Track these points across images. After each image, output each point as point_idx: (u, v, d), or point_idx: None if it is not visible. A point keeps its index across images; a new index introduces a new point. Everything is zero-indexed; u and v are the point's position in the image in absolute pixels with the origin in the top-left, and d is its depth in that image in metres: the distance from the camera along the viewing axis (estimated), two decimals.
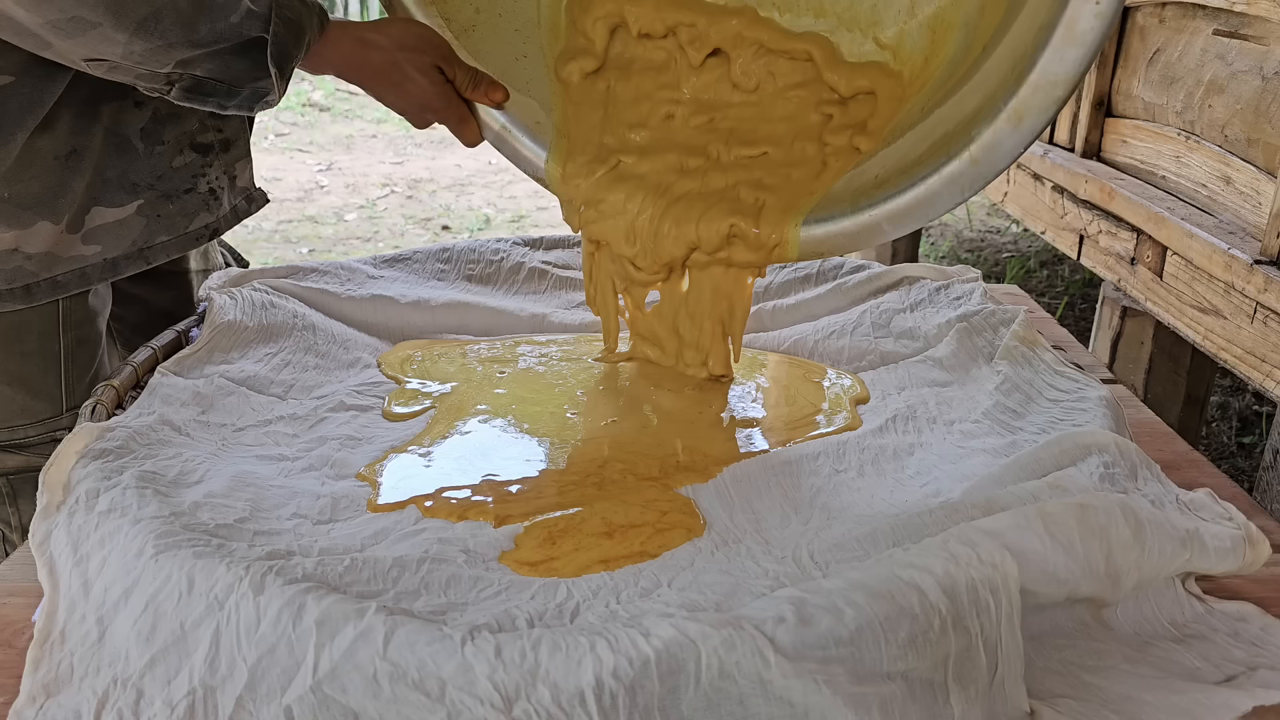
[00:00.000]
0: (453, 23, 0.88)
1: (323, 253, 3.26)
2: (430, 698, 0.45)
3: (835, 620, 0.46)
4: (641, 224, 0.81)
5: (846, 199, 0.76)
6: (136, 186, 0.79)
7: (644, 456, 0.74)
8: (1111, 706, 0.50)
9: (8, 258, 0.74)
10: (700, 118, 0.84)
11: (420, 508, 0.66)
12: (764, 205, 0.78)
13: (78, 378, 0.82)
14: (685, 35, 0.84)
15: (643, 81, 0.86)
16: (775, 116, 0.82)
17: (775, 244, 0.78)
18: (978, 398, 0.79)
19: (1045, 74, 0.61)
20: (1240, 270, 1.19)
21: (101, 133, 0.76)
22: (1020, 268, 3.13)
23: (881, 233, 0.73)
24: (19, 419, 0.80)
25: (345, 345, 0.90)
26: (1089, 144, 1.67)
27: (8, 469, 0.81)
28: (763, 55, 0.82)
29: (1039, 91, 0.62)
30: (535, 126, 0.88)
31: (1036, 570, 0.51)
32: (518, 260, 1.07)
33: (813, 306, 1.01)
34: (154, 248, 0.82)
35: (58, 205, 0.75)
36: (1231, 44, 1.33)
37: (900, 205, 0.71)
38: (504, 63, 0.88)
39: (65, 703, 0.49)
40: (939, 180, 0.69)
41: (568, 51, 0.87)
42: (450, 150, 4.66)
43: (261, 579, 0.50)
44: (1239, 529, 0.59)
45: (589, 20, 0.86)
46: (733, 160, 0.82)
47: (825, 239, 0.76)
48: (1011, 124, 0.64)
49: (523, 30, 0.89)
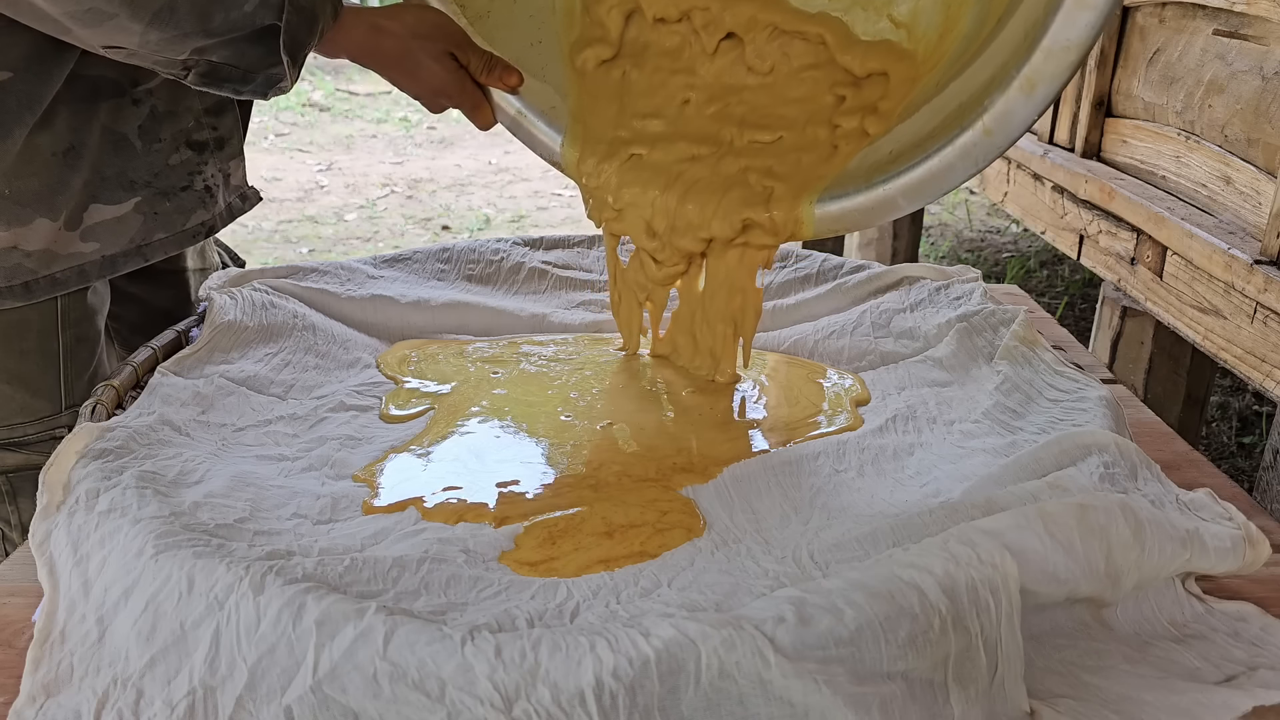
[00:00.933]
0: (467, 9, 0.88)
1: (323, 253, 3.26)
2: (430, 698, 0.45)
3: (835, 620, 0.46)
4: (659, 217, 0.81)
5: (861, 175, 0.76)
6: (134, 184, 0.80)
7: (641, 459, 0.74)
8: (1111, 706, 0.50)
9: (6, 255, 0.74)
10: (715, 104, 0.84)
11: (419, 509, 0.66)
12: (773, 192, 0.78)
13: (76, 376, 0.82)
14: (699, 20, 0.83)
15: (658, 68, 0.86)
16: (790, 98, 0.82)
17: (791, 226, 0.78)
18: (978, 398, 0.79)
19: (1057, 39, 0.61)
20: (1240, 270, 1.19)
21: (99, 130, 0.76)
22: (1020, 268, 3.13)
23: (896, 207, 0.73)
24: (18, 417, 0.80)
25: (345, 345, 0.90)
26: (1089, 144, 1.67)
27: (7, 467, 0.81)
28: (777, 37, 0.82)
29: (1051, 58, 0.62)
30: (550, 111, 0.88)
31: (1036, 570, 0.51)
32: (518, 260, 1.07)
33: (813, 306, 1.01)
34: (152, 245, 0.82)
35: (56, 202, 0.75)
36: (1231, 44, 1.33)
37: (914, 179, 0.71)
38: (519, 48, 0.88)
39: (65, 703, 0.49)
40: (953, 152, 0.69)
41: (583, 39, 0.87)
42: (450, 150, 4.66)
43: (261, 579, 0.50)
44: (1239, 529, 0.59)
45: (604, 8, 0.86)
46: (745, 145, 0.82)
47: (841, 215, 0.76)
48: (1024, 92, 0.64)
49: (537, 16, 0.89)
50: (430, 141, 4.88)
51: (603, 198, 0.85)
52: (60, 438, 0.76)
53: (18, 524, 0.83)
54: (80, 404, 0.78)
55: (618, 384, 0.87)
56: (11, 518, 0.83)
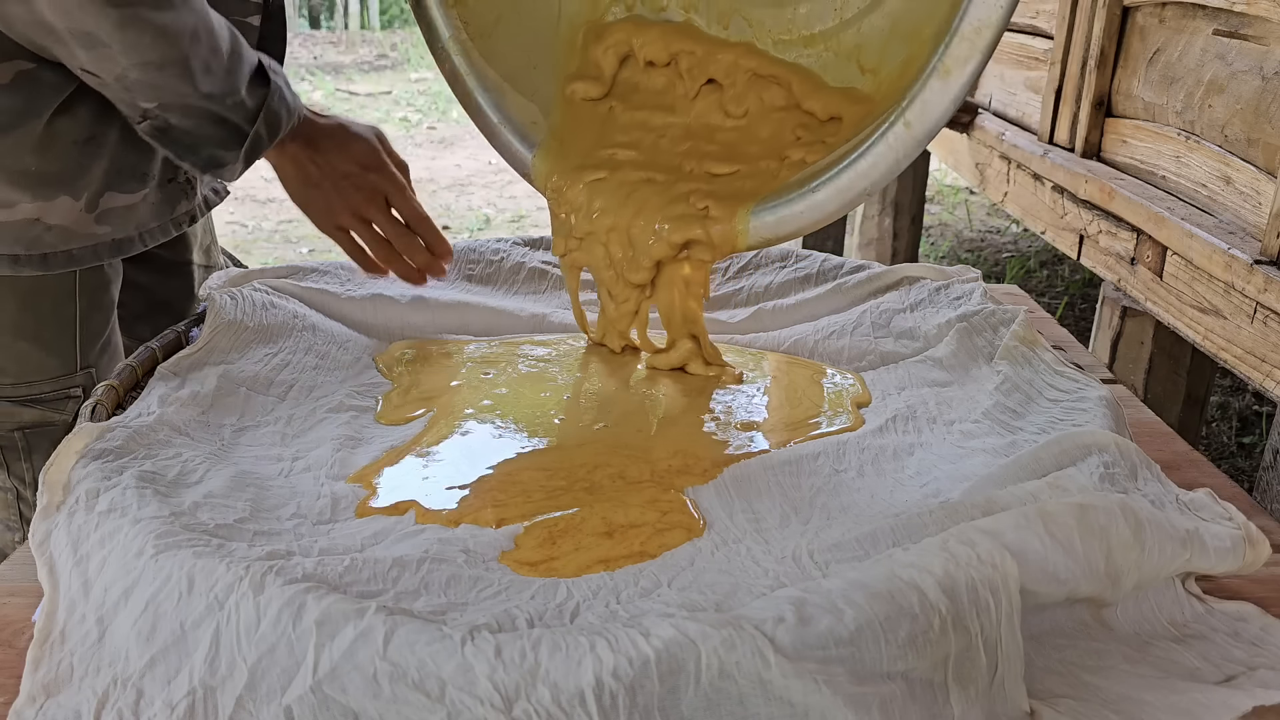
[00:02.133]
0: (471, 25, 0.92)
1: (323, 252, 3.26)
2: (430, 697, 0.45)
3: (835, 620, 0.46)
4: (614, 243, 0.85)
5: (794, 183, 0.79)
6: (146, 176, 0.85)
7: (641, 459, 0.74)
8: (1111, 706, 0.50)
9: (30, 226, 0.79)
10: (688, 142, 0.88)
11: (418, 510, 0.66)
12: (708, 210, 0.82)
13: (90, 341, 0.87)
14: (685, 63, 0.88)
15: (642, 106, 0.90)
16: (757, 139, 0.86)
17: (730, 240, 0.82)
18: (978, 398, 0.79)
19: (972, 22, 0.65)
20: (1240, 270, 1.19)
21: (119, 126, 0.81)
22: (1020, 268, 3.13)
23: (828, 212, 0.77)
24: (34, 375, 0.85)
25: (345, 345, 0.90)
26: (1089, 144, 1.67)
27: (23, 423, 0.86)
28: (754, 84, 0.86)
29: (964, 41, 0.66)
30: (529, 126, 0.91)
31: (1036, 570, 0.51)
32: (518, 260, 1.07)
33: (812, 306, 1.01)
34: (149, 231, 0.88)
35: (78, 185, 0.81)
36: (1231, 44, 1.33)
37: (844, 181, 0.74)
38: (516, 67, 0.92)
39: (65, 702, 0.49)
40: (877, 151, 0.72)
41: (580, 72, 0.91)
42: (450, 150, 4.66)
43: (261, 579, 0.50)
44: (1239, 529, 0.59)
45: (600, 48, 0.90)
46: (700, 174, 0.86)
47: (778, 223, 0.80)
48: (941, 80, 0.67)
49: (539, 42, 0.93)
50: (430, 142, 4.88)
51: (566, 219, 0.88)
52: (74, 397, 0.86)
53: (31, 481, 0.86)
54: (93, 366, 0.88)
55: (617, 385, 0.87)
56: (25, 475, 0.87)
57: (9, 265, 0.80)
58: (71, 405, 0.86)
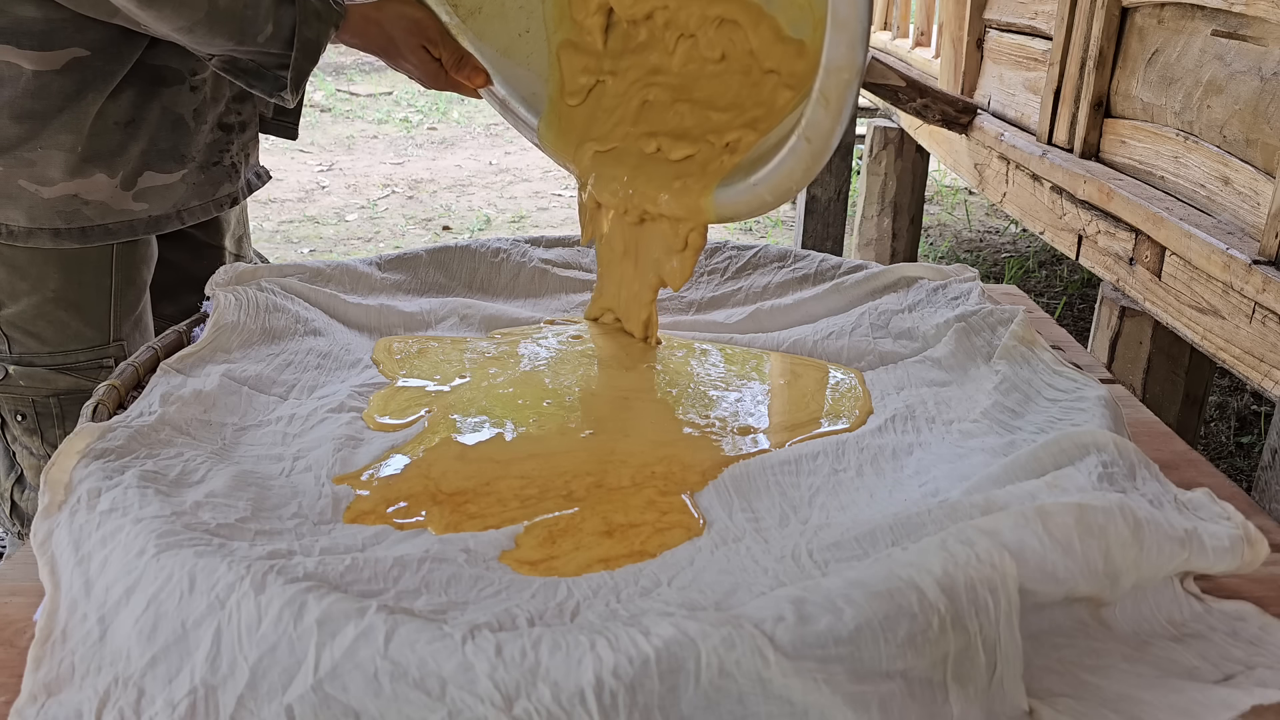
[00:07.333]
0: (459, 7, 0.97)
1: (323, 253, 3.26)
2: (431, 696, 0.45)
3: (834, 619, 0.46)
4: (620, 196, 0.92)
5: (744, 167, 0.84)
6: (184, 158, 0.93)
7: (641, 459, 0.74)
8: (1110, 705, 0.50)
9: (69, 201, 0.87)
10: (671, 96, 0.93)
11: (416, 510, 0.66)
12: (685, 185, 0.87)
13: (125, 314, 0.94)
14: (661, 19, 0.93)
15: (629, 72, 0.95)
16: (730, 89, 0.91)
17: (694, 211, 0.87)
18: (976, 397, 0.79)
19: (831, 61, 0.68)
20: (1239, 270, 1.19)
21: (159, 109, 0.90)
22: (1019, 268, 3.13)
23: (764, 202, 0.80)
24: (72, 344, 0.92)
25: (347, 346, 0.90)
26: (1087, 144, 1.67)
27: (59, 390, 0.92)
28: (725, 28, 0.90)
29: (830, 75, 0.69)
30: (531, 98, 0.99)
31: (1035, 569, 0.52)
32: (518, 260, 1.08)
33: (811, 307, 1.01)
34: (189, 210, 0.96)
35: (115, 164, 0.88)
36: (1230, 44, 1.33)
37: (774, 177, 0.78)
38: (508, 39, 0.99)
39: (66, 701, 0.49)
40: (789, 156, 0.75)
41: (572, 40, 0.97)
42: (451, 151, 4.66)
43: (263, 578, 0.50)
44: (1237, 528, 0.59)
45: (585, 10, 0.95)
46: (688, 128, 0.91)
47: (729, 204, 0.84)
48: (822, 105, 0.70)
49: (526, 6, 0.99)
50: (431, 142, 4.88)
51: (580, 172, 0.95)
52: (107, 366, 0.92)
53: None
54: (126, 339, 0.95)
55: (617, 384, 0.87)
56: (58, 442, 0.91)
57: (50, 238, 0.87)
58: (104, 375, 0.90)
